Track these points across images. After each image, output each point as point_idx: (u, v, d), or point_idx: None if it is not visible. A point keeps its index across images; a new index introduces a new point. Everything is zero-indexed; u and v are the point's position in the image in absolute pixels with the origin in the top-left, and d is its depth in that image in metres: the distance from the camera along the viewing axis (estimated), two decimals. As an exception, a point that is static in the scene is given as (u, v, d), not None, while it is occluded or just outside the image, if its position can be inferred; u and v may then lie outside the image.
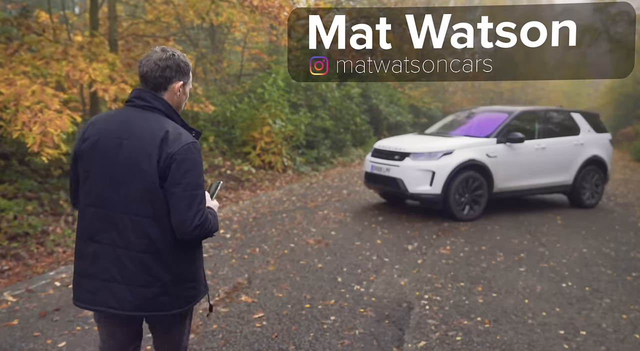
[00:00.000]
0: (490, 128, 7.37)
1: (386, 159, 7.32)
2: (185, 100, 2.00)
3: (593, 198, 8.10)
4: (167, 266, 1.83)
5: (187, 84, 1.95)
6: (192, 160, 1.80)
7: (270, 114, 11.30)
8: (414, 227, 6.63)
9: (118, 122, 1.86)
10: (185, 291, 1.90)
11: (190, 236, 1.79)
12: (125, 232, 1.80)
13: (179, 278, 1.87)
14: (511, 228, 6.66)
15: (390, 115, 17.75)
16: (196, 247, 1.94)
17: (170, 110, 1.90)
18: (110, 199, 1.81)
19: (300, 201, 8.41)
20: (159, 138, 1.78)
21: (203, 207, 1.81)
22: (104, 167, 1.82)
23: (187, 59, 1.96)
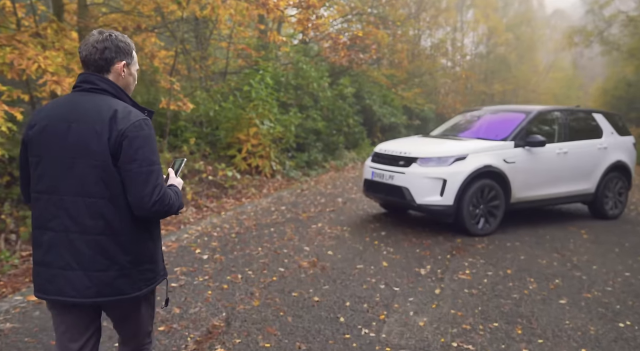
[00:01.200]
0: (506, 130, 6.50)
1: (389, 165, 6.41)
2: (133, 81, 1.96)
3: (616, 209, 7.28)
4: (125, 247, 1.80)
5: (131, 64, 1.92)
6: (144, 136, 1.77)
7: (257, 114, 10.34)
8: (423, 245, 5.73)
9: (65, 106, 1.82)
10: (144, 273, 1.86)
11: (149, 212, 1.76)
12: (79, 215, 1.76)
13: (137, 259, 1.83)
14: (534, 245, 5.79)
15: (385, 117, 16.89)
16: (154, 226, 1.91)
17: (118, 91, 1.87)
18: (62, 184, 1.78)
19: (291, 211, 7.46)
20: (108, 117, 1.75)
21: (161, 182, 1.78)
22: (53, 151, 1.78)
23: (127, 39, 1.92)
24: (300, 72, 12.98)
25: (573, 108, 7.31)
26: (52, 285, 1.79)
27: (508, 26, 29.92)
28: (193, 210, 7.45)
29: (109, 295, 1.80)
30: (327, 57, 14.72)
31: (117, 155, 1.74)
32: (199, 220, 6.73)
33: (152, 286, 1.92)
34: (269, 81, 10.78)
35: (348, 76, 15.65)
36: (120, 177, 1.75)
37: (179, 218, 6.74)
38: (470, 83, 27.73)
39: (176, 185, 1.95)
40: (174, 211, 1.82)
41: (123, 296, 1.81)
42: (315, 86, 12.66)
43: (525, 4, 34.03)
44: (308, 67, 12.67)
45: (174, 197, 1.83)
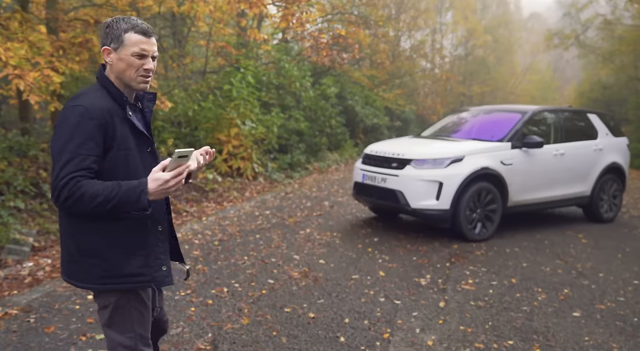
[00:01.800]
0: (501, 130, 6.24)
1: (381, 167, 6.07)
2: (125, 67, 1.77)
3: (611, 211, 7.11)
4: (71, 234, 1.78)
5: (119, 48, 1.76)
6: (67, 124, 1.66)
7: (239, 114, 9.91)
8: (419, 252, 5.41)
9: None
10: (92, 267, 1.75)
11: (55, 203, 1.65)
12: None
13: (81, 249, 1.76)
14: (534, 251, 5.53)
15: (367, 117, 16.61)
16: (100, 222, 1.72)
17: (104, 79, 1.81)
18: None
19: (276, 216, 7.06)
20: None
21: (64, 174, 1.60)
22: None
23: (119, 23, 1.76)
24: (282, 71, 12.59)
25: (568, 108, 7.11)
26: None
27: (486, 28, 30.09)
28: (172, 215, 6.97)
29: (68, 277, 1.82)
30: (309, 56, 14.37)
31: None
32: (179, 227, 6.27)
33: (111, 287, 1.76)
34: (251, 80, 10.37)
35: (330, 76, 15.33)
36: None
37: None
38: (450, 85, 27.74)
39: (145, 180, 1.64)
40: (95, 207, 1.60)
41: (76, 282, 1.79)
42: (298, 85, 12.28)
43: (503, 6, 34.33)
44: (290, 66, 12.28)
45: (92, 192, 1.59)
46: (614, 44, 23.17)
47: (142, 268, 1.77)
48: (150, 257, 1.80)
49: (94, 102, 1.70)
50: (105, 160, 1.69)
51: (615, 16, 21.90)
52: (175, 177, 1.64)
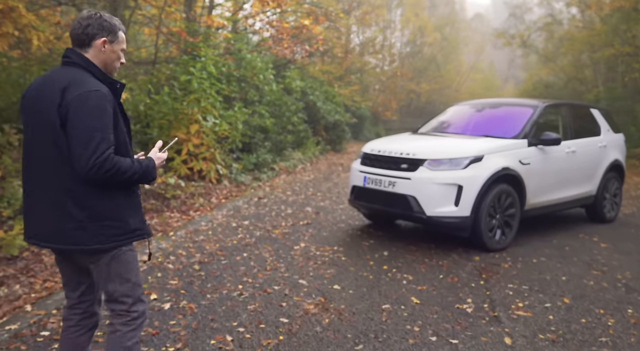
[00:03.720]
0: (515, 126, 5.62)
1: (388, 169, 5.26)
2: (116, 59, 2.08)
3: (613, 211, 6.72)
4: (80, 203, 1.92)
5: (114, 42, 2.04)
6: (90, 106, 1.87)
7: (200, 109, 8.75)
8: (441, 267, 4.64)
9: (44, 77, 2.02)
10: (105, 229, 1.95)
11: (87, 176, 1.86)
12: (45, 173, 1.96)
13: (95, 215, 1.93)
14: (561, 260, 4.93)
15: (329, 114, 15.80)
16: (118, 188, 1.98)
17: (90, 64, 2.00)
18: (32, 146, 1.99)
19: (258, 227, 6.07)
20: (61, 87, 1.90)
21: (102, 149, 1.85)
22: (28, 117, 2.01)
23: (114, 20, 2.05)
24: (243, 62, 11.48)
25: (574, 102, 6.64)
26: (31, 230, 2.02)
27: (436, 26, 30.22)
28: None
29: (70, 243, 1.94)
30: (269, 47, 13.34)
31: (65, 121, 1.88)
32: (143, 246, 5.14)
33: (119, 242, 1.99)
34: (213, 70, 9.22)
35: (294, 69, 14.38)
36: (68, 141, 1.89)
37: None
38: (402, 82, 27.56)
39: (151, 158, 2.10)
40: (126, 179, 1.93)
41: (82, 246, 1.94)
42: (261, 78, 11.23)
43: (451, 6, 34.75)
44: (253, 57, 11.21)
45: (127, 165, 1.92)
46: (555, 45, 23.86)
47: (140, 223, 2.07)
48: (141, 214, 2.10)
49: (102, 88, 1.93)
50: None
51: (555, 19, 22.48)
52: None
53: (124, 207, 2.00)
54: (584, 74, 22.06)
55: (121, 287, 2.03)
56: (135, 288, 2.07)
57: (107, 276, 2.01)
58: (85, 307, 2.17)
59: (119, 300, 2.04)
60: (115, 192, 1.97)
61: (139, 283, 2.09)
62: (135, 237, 2.03)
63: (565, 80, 23.13)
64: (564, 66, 23.55)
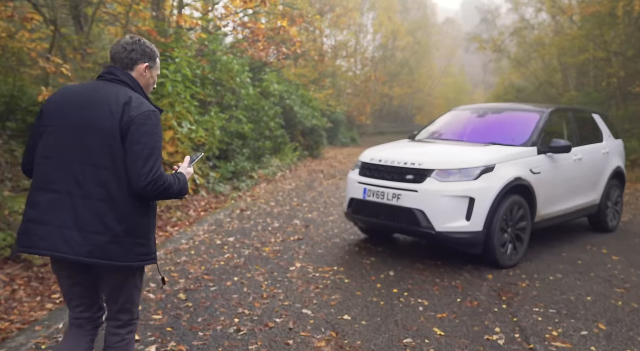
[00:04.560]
0: (521, 132, 5.28)
1: (391, 180, 4.81)
2: (152, 84, 2.23)
3: (615, 220, 6.49)
4: (121, 217, 1.94)
5: (153, 68, 2.19)
6: (152, 125, 1.97)
7: (174, 114, 8.13)
8: (456, 288, 4.22)
9: (88, 87, 2.07)
10: (137, 246, 1.98)
11: (143, 190, 1.92)
12: (84, 181, 1.93)
13: (131, 230, 1.96)
14: (579, 276, 4.59)
15: (306, 119, 15.31)
16: (151, 205, 2.05)
17: (137, 85, 2.11)
18: (73, 152, 1.95)
19: (245, 245, 5.52)
20: (123, 101, 1.96)
21: (157, 166, 1.94)
22: (69, 122, 1.97)
23: (153, 46, 2.20)
24: (218, 64, 10.88)
25: (578, 107, 6.37)
26: (45, 241, 1.91)
27: (408, 30, 30.21)
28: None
29: (100, 257, 1.91)
30: (245, 49, 12.76)
31: (125, 135, 1.94)
32: (119, 269, 4.51)
33: (145, 263, 2.03)
34: (188, 72, 8.60)
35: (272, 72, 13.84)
36: (125, 155, 1.94)
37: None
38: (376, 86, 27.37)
39: (183, 173, 2.14)
40: (171, 193, 2.00)
41: (113, 261, 1.93)
42: (238, 81, 10.65)
43: (422, 10, 34.89)
44: (229, 59, 10.62)
45: (172, 181, 2.00)
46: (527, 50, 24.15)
47: (154, 245, 2.09)
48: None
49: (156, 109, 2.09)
50: None
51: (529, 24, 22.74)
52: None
53: (152, 226, 2.08)
54: (554, 78, 22.36)
55: (136, 299, 2.12)
56: (140, 297, 2.18)
57: (128, 292, 2.08)
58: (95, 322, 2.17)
59: (130, 309, 2.11)
60: (151, 209, 2.05)
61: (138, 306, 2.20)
62: (151, 260, 2.07)
63: (536, 84, 23.40)
64: (535, 70, 23.84)
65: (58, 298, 3.84)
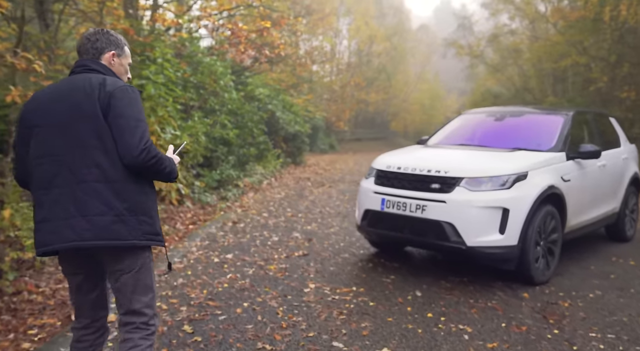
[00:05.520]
0: (547, 137, 4.91)
1: (414, 190, 4.35)
2: (124, 73, 2.18)
3: (632, 228, 6.21)
4: (120, 194, 1.90)
5: (121, 56, 2.15)
6: (130, 98, 1.94)
7: (157, 119, 7.48)
8: (494, 309, 3.77)
9: (62, 83, 2.03)
10: (142, 224, 1.94)
11: (136, 161, 1.88)
12: (75, 166, 1.90)
13: (133, 208, 1.92)
14: (619, 293, 4.22)
15: (289, 124, 14.79)
16: (148, 182, 2.02)
17: (109, 72, 2.08)
18: (62, 143, 1.92)
19: (246, 262, 4.95)
20: (97, 83, 1.95)
21: (147, 137, 1.90)
22: (52, 118, 1.95)
23: (119, 35, 2.16)
24: (200, 66, 10.25)
25: (597, 111, 6.08)
26: (55, 234, 1.90)
27: (385, 36, 30.09)
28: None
29: (106, 238, 1.88)
30: (226, 51, 12.16)
31: (107, 111, 1.91)
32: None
33: (152, 242, 1.98)
34: (171, 74, 7.97)
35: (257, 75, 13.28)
36: (111, 131, 1.90)
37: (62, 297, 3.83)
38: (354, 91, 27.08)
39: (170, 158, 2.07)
40: (163, 170, 1.95)
41: (120, 241, 1.89)
42: (222, 84, 10.05)
43: (399, 15, 34.91)
44: (212, 61, 10.02)
45: (163, 156, 1.96)
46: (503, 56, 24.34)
47: (160, 228, 2.05)
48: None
49: None
50: None
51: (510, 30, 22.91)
52: None
53: (154, 205, 2.02)
54: (530, 84, 22.54)
55: (145, 298, 2.02)
56: (154, 299, 2.07)
57: (134, 286, 1.99)
58: (100, 324, 2.13)
59: (141, 311, 2.01)
60: (149, 188, 2.02)
61: (156, 294, 2.09)
62: (159, 241, 2.02)
63: (513, 90, 23.56)
64: (511, 76, 24.01)
65: (37, 334, 3.21)
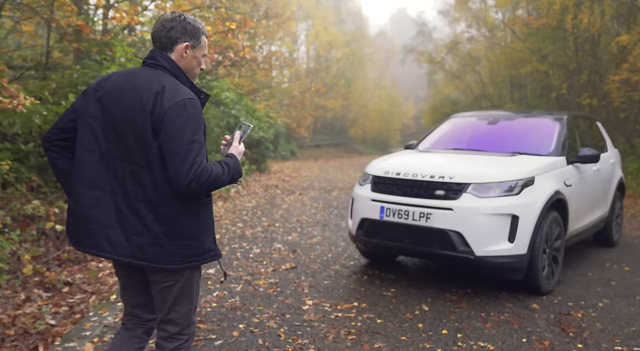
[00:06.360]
0: (544, 141, 4.76)
1: (416, 197, 4.06)
2: (196, 66, 1.97)
3: (618, 233, 6.19)
4: (160, 218, 1.80)
5: (196, 47, 1.94)
6: (187, 115, 1.78)
7: (121, 122, 6.87)
8: (509, 323, 3.52)
9: (126, 76, 1.89)
10: (181, 248, 1.84)
11: (185, 189, 1.76)
12: (124, 179, 1.82)
13: (173, 232, 1.82)
14: (627, 301, 4.08)
15: (253, 130, 14.29)
16: (196, 202, 1.86)
17: (177, 70, 1.91)
18: (112, 147, 1.83)
19: (232, 278, 4.50)
20: (155, 91, 1.79)
21: (199, 162, 1.76)
22: (109, 116, 1.84)
23: (198, 23, 1.94)
24: (162, 68, 9.64)
25: (586, 115, 6.04)
26: (91, 239, 1.84)
27: (344, 42, 30.10)
28: (42, 297, 3.92)
29: (141, 259, 1.81)
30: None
31: (159, 130, 1.76)
32: (63, 329, 3.34)
33: (194, 264, 1.87)
34: (135, 74, 7.36)
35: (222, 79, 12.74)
36: (160, 151, 1.76)
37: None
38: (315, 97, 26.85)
39: (234, 155, 1.95)
40: (221, 184, 1.81)
41: (155, 264, 1.81)
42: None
43: (357, 21, 35.07)
44: (176, 62, 9.45)
45: (219, 171, 1.81)
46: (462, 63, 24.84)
47: (213, 243, 1.93)
48: (213, 233, 1.95)
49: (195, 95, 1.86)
50: None
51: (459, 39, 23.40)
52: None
53: (203, 225, 1.89)
54: (488, 91, 23.09)
55: (182, 309, 1.93)
56: (193, 311, 1.99)
57: (175, 297, 1.90)
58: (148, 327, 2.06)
59: (176, 321, 1.93)
60: (197, 208, 1.87)
61: (196, 305, 2.00)
62: (208, 258, 1.91)
63: (471, 97, 24.05)
64: (469, 83, 24.52)
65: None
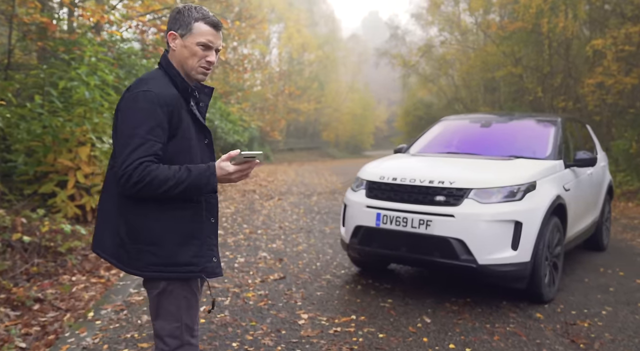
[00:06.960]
0: (540, 144, 4.65)
1: (415, 203, 3.87)
2: (188, 56, 1.77)
3: (607, 237, 6.15)
4: (122, 218, 1.75)
5: (183, 36, 1.75)
6: (136, 108, 1.68)
7: (93, 126, 6.49)
8: (516, 335, 3.35)
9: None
10: (144, 254, 1.72)
11: (121, 188, 1.66)
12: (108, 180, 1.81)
13: (134, 235, 1.73)
14: (629, 308, 3.99)
15: (227, 134, 13.96)
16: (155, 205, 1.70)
17: (168, 64, 1.80)
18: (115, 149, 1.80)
19: (218, 290, 4.20)
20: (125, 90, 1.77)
21: (134, 158, 1.61)
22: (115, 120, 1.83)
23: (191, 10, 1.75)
24: (134, 69, 9.25)
25: (576, 118, 5.97)
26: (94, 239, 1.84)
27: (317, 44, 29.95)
28: (9, 316, 3.54)
29: (116, 260, 1.77)
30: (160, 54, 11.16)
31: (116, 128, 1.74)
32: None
33: (162, 275, 1.73)
34: (107, 76, 6.97)
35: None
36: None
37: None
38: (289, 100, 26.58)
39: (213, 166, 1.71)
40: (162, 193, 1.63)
41: (124, 266, 1.76)
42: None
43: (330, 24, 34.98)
44: (149, 63, 9.08)
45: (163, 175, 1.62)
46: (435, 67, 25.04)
47: (194, 257, 1.76)
48: (204, 247, 1.78)
49: (163, 89, 1.71)
50: (168, 147, 1.69)
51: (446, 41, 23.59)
52: (238, 171, 1.73)
53: (172, 233, 1.72)
54: (461, 94, 23.32)
55: (168, 326, 1.79)
56: (184, 330, 1.79)
57: (156, 310, 1.80)
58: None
59: (163, 339, 1.79)
60: (162, 213, 1.71)
61: (190, 326, 1.81)
62: (183, 273, 1.74)
63: (445, 101, 24.24)
64: (442, 87, 24.71)
65: None
